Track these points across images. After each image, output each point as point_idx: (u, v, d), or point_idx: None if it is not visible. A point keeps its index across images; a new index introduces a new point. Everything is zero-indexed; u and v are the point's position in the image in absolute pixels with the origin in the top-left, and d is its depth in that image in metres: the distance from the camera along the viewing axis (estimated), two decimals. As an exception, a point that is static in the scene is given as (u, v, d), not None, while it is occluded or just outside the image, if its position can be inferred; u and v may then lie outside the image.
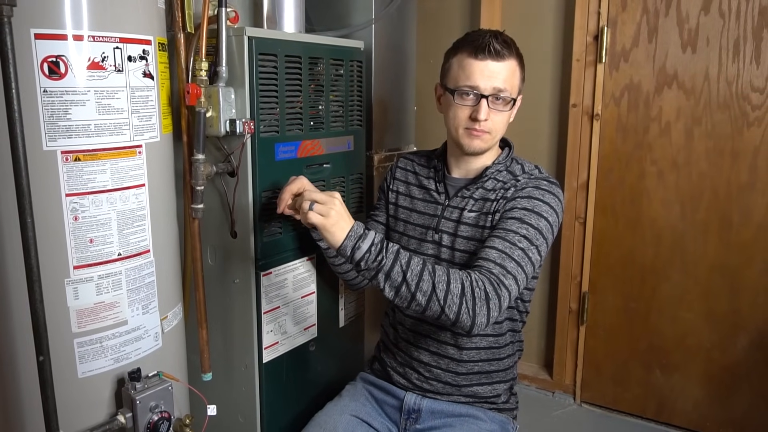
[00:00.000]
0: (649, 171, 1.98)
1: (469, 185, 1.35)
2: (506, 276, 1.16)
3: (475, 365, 1.38)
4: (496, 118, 1.27)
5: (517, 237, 1.20)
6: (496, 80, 1.25)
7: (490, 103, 1.25)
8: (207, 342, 1.46)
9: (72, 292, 1.09)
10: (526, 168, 1.35)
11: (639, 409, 2.11)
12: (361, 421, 1.37)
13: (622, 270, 2.07)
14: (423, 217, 1.40)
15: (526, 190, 1.28)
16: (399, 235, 1.44)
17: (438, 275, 1.12)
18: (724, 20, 1.82)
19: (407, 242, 1.41)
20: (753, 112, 1.82)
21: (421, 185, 1.44)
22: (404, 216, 1.44)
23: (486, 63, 1.24)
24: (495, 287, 1.13)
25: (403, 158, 1.53)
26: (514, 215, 1.24)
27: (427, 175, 1.44)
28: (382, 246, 1.14)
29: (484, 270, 1.16)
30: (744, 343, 1.91)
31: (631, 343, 2.09)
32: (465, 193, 1.35)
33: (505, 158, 1.36)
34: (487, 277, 1.14)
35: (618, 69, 1.99)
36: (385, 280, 1.13)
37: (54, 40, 1.01)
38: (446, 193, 1.39)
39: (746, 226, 1.87)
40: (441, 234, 1.36)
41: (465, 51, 1.27)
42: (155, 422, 1.16)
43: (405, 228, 1.43)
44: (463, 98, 1.27)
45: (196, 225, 1.39)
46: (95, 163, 1.08)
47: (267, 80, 1.40)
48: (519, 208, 1.25)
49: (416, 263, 1.13)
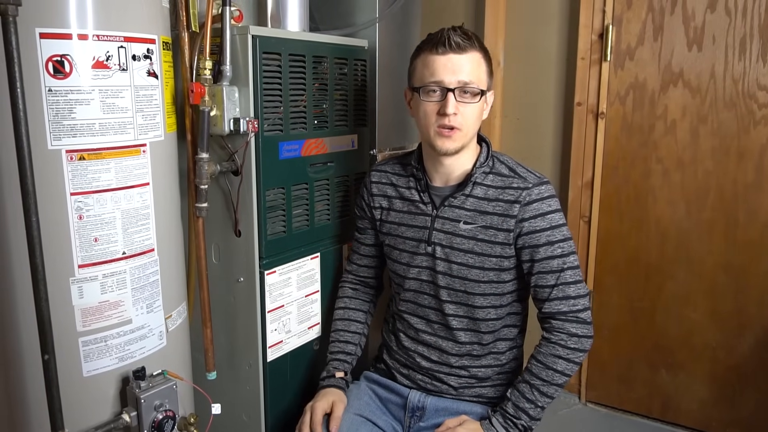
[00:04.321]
0: (655, 170, 1.97)
1: (455, 193, 1.33)
2: (572, 302, 1.27)
3: (478, 371, 1.38)
4: (465, 111, 1.25)
5: (558, 261, 1.27)
6: (460, 73, 1.23)
7: (457, 96, 1.24)
8: (211, 341, 1.46)
9: (77, 290, 1.09)
10: (510, 165, 1.33)
11: (644, 409, 2.10)
12: (365, 419, 1.37)
13: (627, 269, 2.06)
14: (412, 230, 1.38)
15: (533, 206, 1.27)
16: (390, 249, 1.42)
17: (553, 372, 1.25)
18: (730, 18, 1.81)
19: (398, 256, 1.40)
20: (759, 110, 1.81)
21: (403, 197, 1.41)
22: (393, 230, 1.42)
23: (448, 57, 1.23)
24: (574, 322, 1.26)
25: (374, 172, 1.48)
26: (540, 241, 1.27)
27: (407, 185, 1.40)
28: (516, 418, 1.26)
29: (556, 319, 1.28)
30: (750, 343, 1.90)
31: (636, 342, 2.08)
32: (453, 202, 1.33)
33: (485, 159, 1.33)
34: (563, 324, 1.27)
35: (623, 67, 1.98)
36: None
37: (59, 40, 1.01)
38: (432, 203, 1.36)
39: (752, 225, 1.86)
40: (434, 246, 1.34)
41: (426, 49, 1.26)
42: (160, 421, 1.16)
43: (395, 242, 1.41)
44: (429, 95, 1.26)
45: (200, 224, 1.40)
46: (100, 162, 1.08)
47: (271, 79, 1.40)
48: (539, 231, 1.27)
49: (542, 391, 1.26)
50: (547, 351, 1.27)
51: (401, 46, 1.86)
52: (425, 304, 1.38)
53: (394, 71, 1.81)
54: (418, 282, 1.37)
